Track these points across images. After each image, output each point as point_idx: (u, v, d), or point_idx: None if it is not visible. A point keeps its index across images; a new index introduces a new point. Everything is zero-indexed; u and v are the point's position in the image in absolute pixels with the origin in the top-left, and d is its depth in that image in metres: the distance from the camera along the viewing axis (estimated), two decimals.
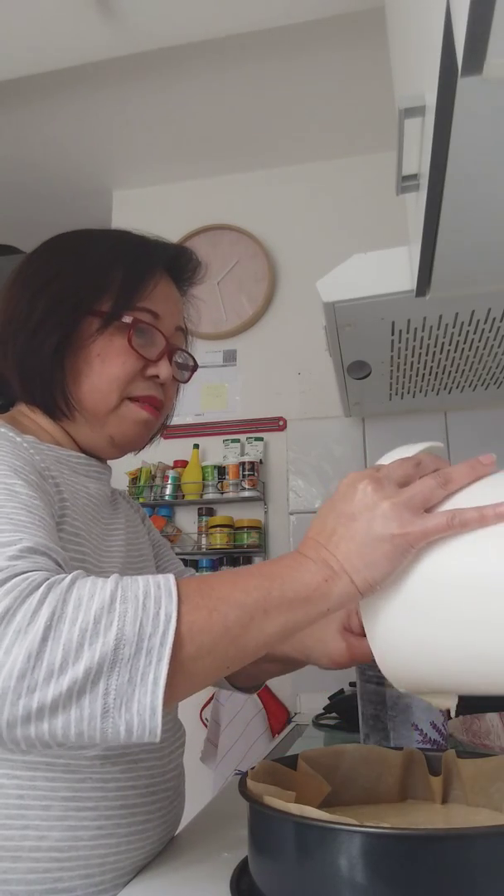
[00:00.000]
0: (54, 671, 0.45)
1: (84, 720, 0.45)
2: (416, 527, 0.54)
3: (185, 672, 0.48)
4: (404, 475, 0.58)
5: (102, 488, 0.81)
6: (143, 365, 0.77)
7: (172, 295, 0.83)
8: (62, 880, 0.62)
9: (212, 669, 0.51)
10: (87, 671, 0.45)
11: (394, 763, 0.72)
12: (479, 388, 1.73)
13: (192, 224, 2.32)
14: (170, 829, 0.76)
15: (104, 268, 0.77)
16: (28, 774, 0.63)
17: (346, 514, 0.56)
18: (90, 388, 0.75)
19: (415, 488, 0.56)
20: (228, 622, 0.50)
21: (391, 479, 0.57)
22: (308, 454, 2.09)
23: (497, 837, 0.49)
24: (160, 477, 2.12)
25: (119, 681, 0.46)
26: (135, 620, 0.47)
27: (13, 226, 2.61)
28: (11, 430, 0.69)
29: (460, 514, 0.53)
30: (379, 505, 0.55)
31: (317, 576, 0.54)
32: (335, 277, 1.21)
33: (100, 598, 0.48)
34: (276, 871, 0.56)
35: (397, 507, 0.54)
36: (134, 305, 0.77)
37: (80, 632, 0.46)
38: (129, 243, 0.81)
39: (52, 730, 0.45)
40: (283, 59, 1.89)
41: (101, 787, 0.65)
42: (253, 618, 0.51)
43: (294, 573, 0.54)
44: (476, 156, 0.67)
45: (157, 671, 0.46)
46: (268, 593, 0.52)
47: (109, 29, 1.65)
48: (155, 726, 0.46)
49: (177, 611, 0.49)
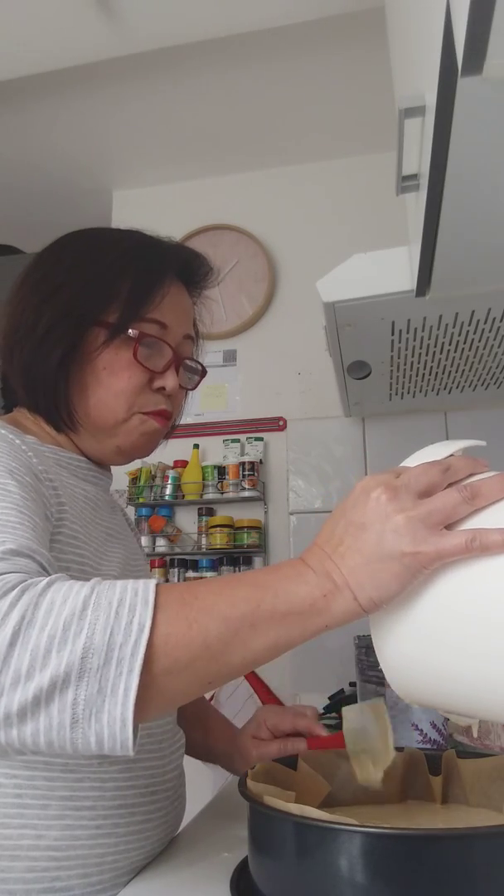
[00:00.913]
0: (21, 677, 0.43)
1: (53, 729, 0.44)
2: (431, 546, 0.48)
3: (158, 687, 0.46)
4: (428, 483, 0.51)
5: (101, 493, 0.81)
6: (150, 377, 0.76)
7: (182, 303, 0.81)
8: (60, 879, 0.62)
9: (190, 685, 0.48)
10: (54, 679, 0.44)
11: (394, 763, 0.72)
12: (479, 388, 1.72)
13: (192, 224, 2.32)
14: (170, 830, 0.76)
15: (112, 276, 0.76)
16: (26, 774, 0.63)
17: (357, 523, 0.51)
18: (97, 401, 0.75)
19: (436, 502, 0.50)
20: (209, 637, 0.47)
21: (410, 488, 0.51)
22: (308, 454, 2.09)
23: (497, 837, 0.49)
24: (160, 477, 2.12)
25: (88, 691, 0.44)
26: (105, 629, 0.45)
27: (13, 226, 2.61)
28: (12, 432, 0.69)
29: (482, 536, 0.48)
30: (392, 518, 0.49)
31: (316, 589, 0.50)
32: (335, 277, 1.21)
33: (72, 604, 0.46)
34: (275, 871, 0.56)
35: (412, 522, 0.49)
36: (141, 316, 0.75)
37: (49, 638, 0.44)
38: (140, 249, 0.79)
39: (22, 737, 0.44)
40: (283, 59, 1.88)
41: (99, 787, 0.65)
42: (237, 632, 0.48)
43: (290, 584, 0.50)
44: (476, 156, 0.67)
45: (128, 682, 0.44)
46: (257, 606, 0.49)
47: (109, 29, 1.65)
48: (126, 739, 0.44)
49: (151, 620, 0.46)
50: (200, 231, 2.32)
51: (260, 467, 2.09)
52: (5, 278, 0.82)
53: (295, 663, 1.90)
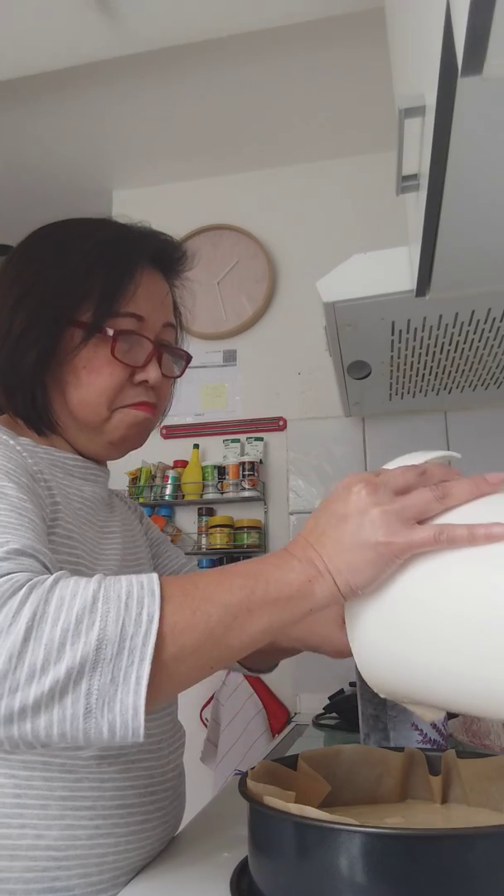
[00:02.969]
0: (36, 671, 0.45)
1: (67, 720, 0.45)
2: (402, 538, 0.52)
3: (168, 672, 0.48)
4: (405, 483, 0.56)
5: (98, 491, 0.81)
6: (131, 372, 0.75)
7: (158, 291, 0.79)
8: (59, 879, 0.63)
9: (196, 669, 0.51)
10: (69, 671, 0.45)
11: (394, 763, 0.72)
12: (479, 388, 1.72)
13: (192, 224, 2.32)
14: (170, 829, 0.76)
15: (83, 274, 0.74)
16: (25, 774, 0.63)
17: (338, 515, 0.55)
18: (80, 400, 0.74)
19: (410, 499, 0.55)
20: (211, 622, 0.50)
21: (388, 485, 0.55)
22: (308, 454, 2.09)
23: (497, 837, 0.49)
24: (160, 477, 2.12)
25: (101, 681, 0.46)
26: (117, 620, 0.47)
27: (13, 226, 2.59)
28: (6, 433, 0.69)
29: (449, 530, 0.52)
30: (369, 510, 0.54)
31: (301, 575, 0.54)
32: (335, 277, 1.21)
33: (82, 598, 0.48)
34: (276, 871, 0.56)
35: (387, 515, 0.53)
36: (116, 311, 0.74)
37: (62, 632, 0.46)
38: (110, 241, 0.78)
39: (35, 730, 0.45)
40: (282, 59, 1.88)
41: (98, 787, 0.65)
42: (236, 617, 0.51)
43: (278, 572, 0.54)
44: (476, 156, 0.67)
45: (140, 671, 0.46)
46: (252, 592, 0.52)
47: (109, 29, 1.65)
48: (138, 726, 0.46)
49: (159, 610, 0.48)
50: (200, 231, 2.32)
51: (260, 467, 2.09)
52: None
53: (295, 663, 1.90)
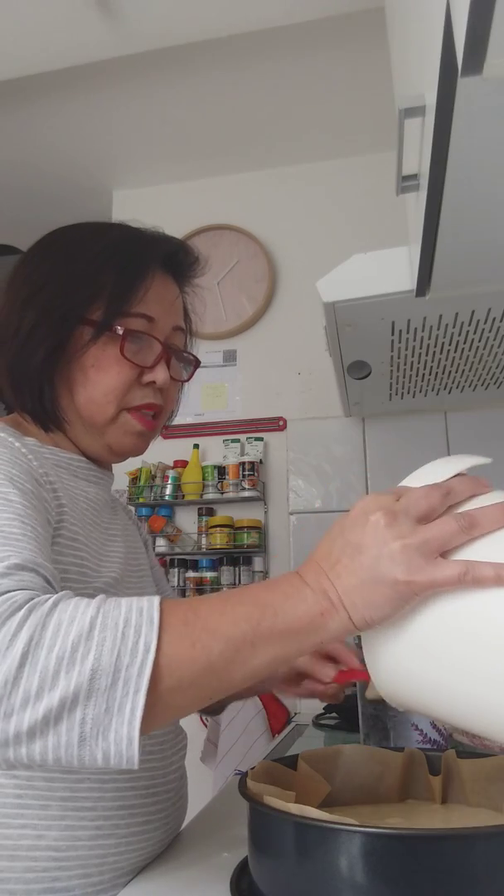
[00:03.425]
0: (30, 698, 0.45)
1: (61, 747, 0.45)
2: (424, 576, 0.49)
3: (164, 703, 0.47)
4: (428, 509, 0.52)
5: (101, 493, 0.80)
6: (139, 372, 0.75)
7: (168, 294, 0.79)
8: (60, 879, 0.63)
9: (193, 700, 0.50)
10: (63, 700, 0.45)
11: (394, 763, 0.72)
12: (479, 388, 1.72)
13: (192, 224, 2.32)
14: (171, 831, 0.76)
15: (95, 273, 0.74)
16: (26, 774, 0.63)
17: (354, 544, 0.52)
18: (87, 399, 0.74)
19: (432, 530, 0.50)
20: (212, 655, 0.48)
21: (410, 513, 0.51)
22: (308, 454, 2.09)
23: (497, 837, 0.49)
24: (160, 477, 2.12)
25: (96, 710, 0.45)
26: (112, 650, 0.46)
27: (13, 226, 2.61)
28: (12, 434, 0.68)
29: (474, 569, 0.48)
30: (389, 543, 0.50)
31: (313, 607, 0.51)
32: (335, 277, 1.21)
33: (79, 625, 0.47)
34: (276, 871, 0.56)
35: (408, 551, 0.49)
36: (126, 311, 0.74)
37: (57, 660, 0.45)
38: (122, 243, 0.78)
39: (31, 754, 0.45)
40: (283, 59, 1.88)
41: (99, 788, 0.65)
42: (239, 650, 0.49)
43: (288, 602, 0.51)
44: (476, 156, 0.67)
45: (135, 702, 0.45)
46: (258, 624, 0.50)
47: (109, 29, 1.65)
48: (132, 755, 0.46)
49: (157, 640, 0.47)
50: (200, 231, 2.32)
51: (260, 467, 2.09)
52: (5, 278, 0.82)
53: None
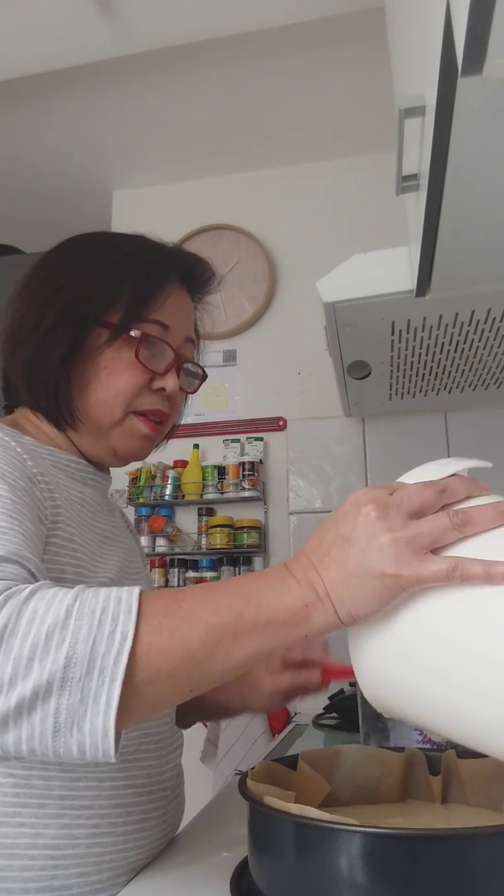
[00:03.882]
0: (3, 686, 0.44)
1: (35, 738, 0.45)
2: (412, 570, 0.48)
3: (141, 695, 0.46)
4: (421, 504, 0.51)
5: (98, 496, 0.81)
6: (150, 378, 0.76)
7: (184, 306, 0.81)
8: (57, 878, 0.63)
9: (172, 693, 0.49)
10: (36, 689, 0.44)
11: (394, 763, 0.72)
12: (479, 388, 1.72)
13: (192, 224, 2.32)
14: (169, 829, 0.76)
15: (116, 278, 0.76)
16: (24, 773, 0.63)
17: (343, 536, 0.51)
18: (96, 400, 0.75)
19: (424, 525, 0.49)
20: (191, 645, 0.47)
21: (402, 507, 0.50)
22: (308, 454, 2.09)
23: (497, 837, 0.49)
24: (160, 477, 2.12)
25: (70, 700, 0.44)
26: (87, 638, 0.45)
27: (13, 226, 2.61)
28: (8, 434, 0.69)
29: (464, 565, 0.47)
30: (378, 536, 0.49)
31: (298, 600, 0.50)
32: (335, 277, 1.21)
33: (55, 613, 0.46)
34: (276, 871, 0.56)
35: (397, 544, 0.48)
36: (144, 317, 0.76)
37: (31, 647, 0.45)
38: (143, 252, 0.80)
39: (4, 744, 0.45)
40: (283, 59, 1.88)
41: (96, 787, 0.66)
42: (220, 641, 0.48)
43: (272, 594, 0.50)
44: (476, 156, 0.67)
45: (110, 692, 0.45)
46: (240, 615, 0.49)
47: (109, 29, 1.65)
48: (108, 748, 0.45)
49: (134, 629, 0.46)
50: (200, 231, 2.32)
51: (260, 467, 2.09)
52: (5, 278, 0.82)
53: None
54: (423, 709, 0.51)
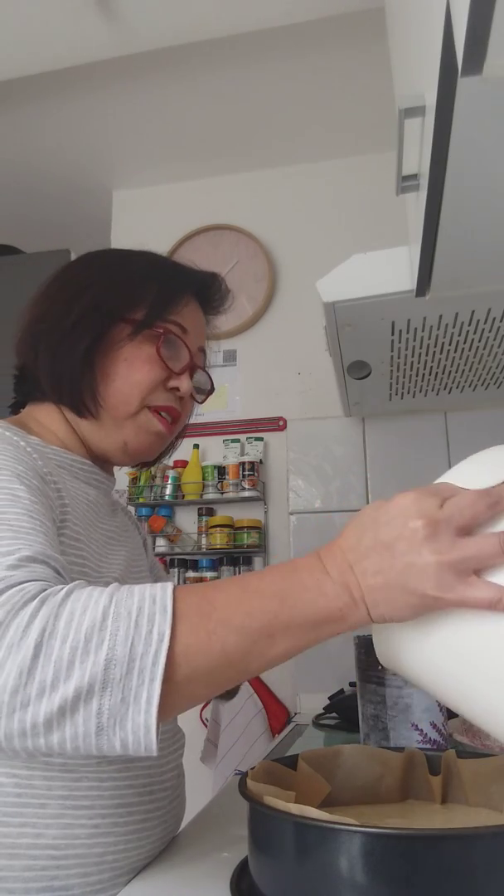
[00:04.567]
0: (46, 689, 0.45)
1: (79, 737, 0.45)
2: (455, 595, 0.48)
3: (179, 692, 0.48)
4: (472, 519, 0.50)
5: (102, 496, 0.82)
6: (167, 376, 0.79)
7: (199, 318, 0.86)
8: (58, 878, 0.63)
9: (209, 689, 0.50)
10: (78, 690, 0.45)
11: (394, 763, 0.72)
12: (479, 388, 1.72)
13: (192, 224, 2.32)
14: (170, 829, 0.76)
15: (140, 281, 0.81)
16: (26, 773, 0.63)
17: (386, 543, 0.50)
18: (114, 390, 0.77)
19: (472, 548, 0.49)
20: (228, 647, 0.49)
21: (452, 524, 0.49)
22: (308, 454, 2.08)
23: (497, 837, 0.49)
24: (160, 477, 2.12)
25: (112, 700, 0.45)
26: (126, 639, 0.46)
27: (13, 226, 2.61)
28: (16, 434, 0.69)
29: None
30: (424, 557, 0.49)
31: (333, 602, 0.50)
32: (335, 277, 1.21)
33: (91, 615, 0.47)
34: (276, 871, 0.56)
35: (442, 568, 0.48)
36: (165, 317, 0.79)
37: (71, 650, 0.46)
38: (164, 264, 0.85)
39: (49, 744, 0.46)
40: (283, 59, 1.88)
41: (97, 787, 0.66)
42: (256, 642, 0.49)
43: (308, 595, 0.50)
44: (476, 156, 0.67)
45: (150, 690, 0.46)
46: (275, 617, 0.50)
47: (109, 29, 1.65)
48: (150, 743, 0.46)
49: (170, 629, 0.47)
50: (200, 231, 2.32)
51: (260, 467, 2.09)
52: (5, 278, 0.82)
53: (295, 663, 1.90)
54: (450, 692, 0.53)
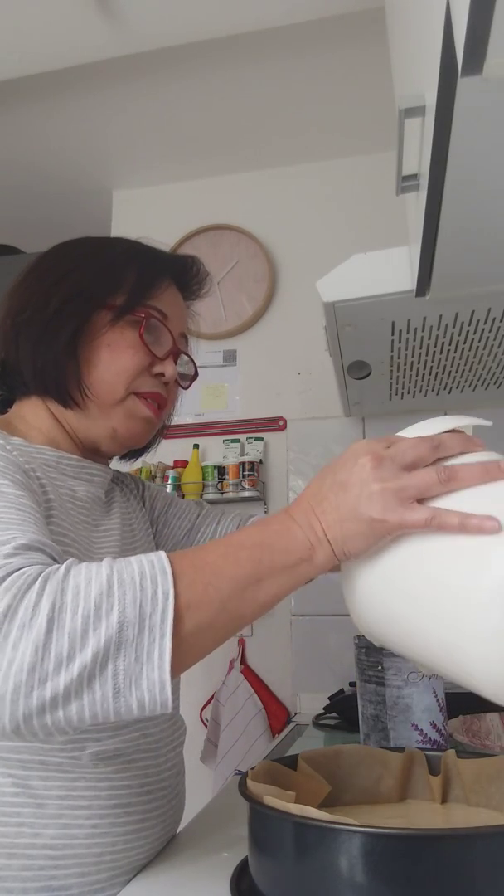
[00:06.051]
0: (63, 660, 0.46)
1: (97, 703, 0.47)
2: (395, 517, 0.54)
3: (187, 645, 0.51)
4: (414, 458, 0.56)
5: (94, 490, 0.81)
6: (151, 361, 0.79)
7: (179, 302, 0.86)
8: (57, 878, 0.63)
9: (213, 639, 0.53)
10: (95, 655, 0.47)
11: (394, 763, 0.72)
12: (479, 388, 1.72)
13: (192, 224, 2.32)
14: (169, 828, 0.76)
15: (118, 267, 0.80)
16: (23, 773, 0.63)
17: (340, 482, 0.57)
18: (98, 378, 0.77)
19: (413, 478, 0.55)
20: (223, 595, 0.53)
21: (396, 460, 0.56)
22: (308, 454, 2.08)
23: (497, 837, 0.49)
24: (160, 477, 2.12)
25: (126, 661, 0.47)
26: (134, 602, 0.49)
27: (13, 226, 2.61)
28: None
29: (441, 516, 0.53)
30: (370, 484, 0.55)
31: (303, 542, 0.56)
32: (335, 277, 1.21)
33: (97, 584, 0.49)
34: (275, 871, 0.56)
35: (386, 493, 0.54)
36: (146, 302, 0.79)
37: (83, 619, 0.47)
38: (142, 249, 0.85)
39: (68, 716, 0.47)
40: (283, 59, 1.88)
41: (94, 787, 0.66)
42: (246, 588, 0.54)
43: (282, 540, 0.56)
44: (476, 156, 0.67)
45: (162, 647, 0.48)
46: (259, 563, 0.55)
47: (109, 29, 1.65)
48: (165, 699, 0.48)
49: (173, 587, 0.50)
50: (200, 231, 2.32)
51: (260, 467, 2.09)
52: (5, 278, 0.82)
53: (295, 663, 1.90)
54: (400, 632, 0.57)
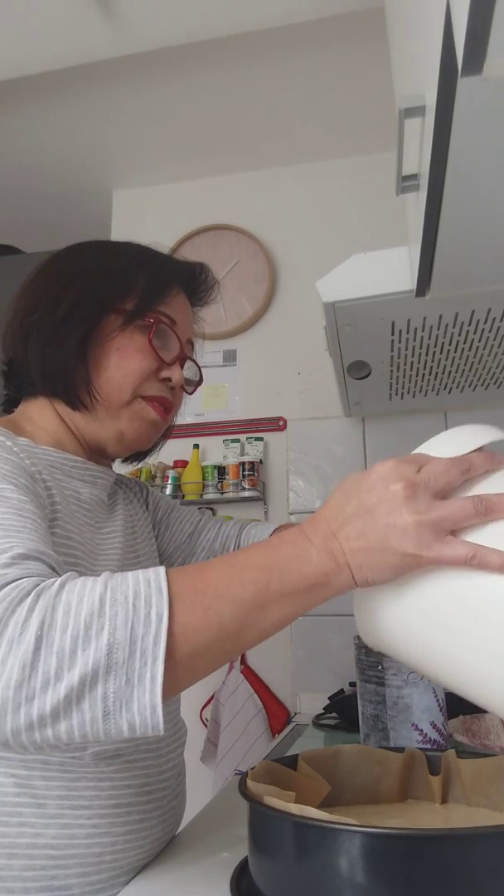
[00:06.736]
0: (50, 679, 0.45)
1: (86, 723, 0.46)
2: (433, 552, 0.51)
3: (183, 668, 0.49)
4: (447, 484, 0.53)
5: (97, 492, 0.81)
6: (158, 366, 0.80)
7: (187, 308, 0.87)
8: (58, 878, 0.63)
9: (210, 664, 0.51)
10: (83, 678, 0.45)
11: (394, 763, 0.72)
12: (479, 388, 1.72)
13: (192, 224, 2.32)
14: (170, 828, 0.76)
15: (129, 272, 0.81)
16: (24, 773, 0.63)
17: (367, 508, 0.53)
18: (106, 380, 0.78)
19: (448, 508, 0.52)
20: (224, 620, 0.50)
21: (429, 488, 0.52)
22: (308, 454, 2.09)
23: (497, 837, 0.49)
24: (160, 477, 2.12)
25: (116, 683, 0.46)
26: (125, 623, 0.47)
27: (13, 226, 2.61)
28: (4, 434, 0.69)
29: (482, 554, 0.50)
30: (403, 517, 0.51)
31: (318, 568, 0.52)
32: (335, 277, 1.21)
33: (89, 603, 0.48)
34: (275, 871, 0.56)
35: (422, 527, 0.51)
36: (155, 308, 0.80)
37: (72, 639, 0.46)
38: (151, 254, 0.86)
39: (57, 734, 0.46)
40: (283, 58, 1.88)
41: (95, 787, 0.66)
42: (249, 613, 0.51)
43: (295, 564, 0.53)
44: (476, 156, 0.67)
45: (154, 670, 0.46)
46: (266, 587, 0.51)
47: (109, 29, 1.65)
48: (157, 722, 0.47)
49: (168, 609, 0.48)
50: (200, 231, 2.32)
51: (260, 467, 2.09)
52: (5, 278, 0.82)
53: (295, 663, 1.90)
54: (435, 660, 0.54)
